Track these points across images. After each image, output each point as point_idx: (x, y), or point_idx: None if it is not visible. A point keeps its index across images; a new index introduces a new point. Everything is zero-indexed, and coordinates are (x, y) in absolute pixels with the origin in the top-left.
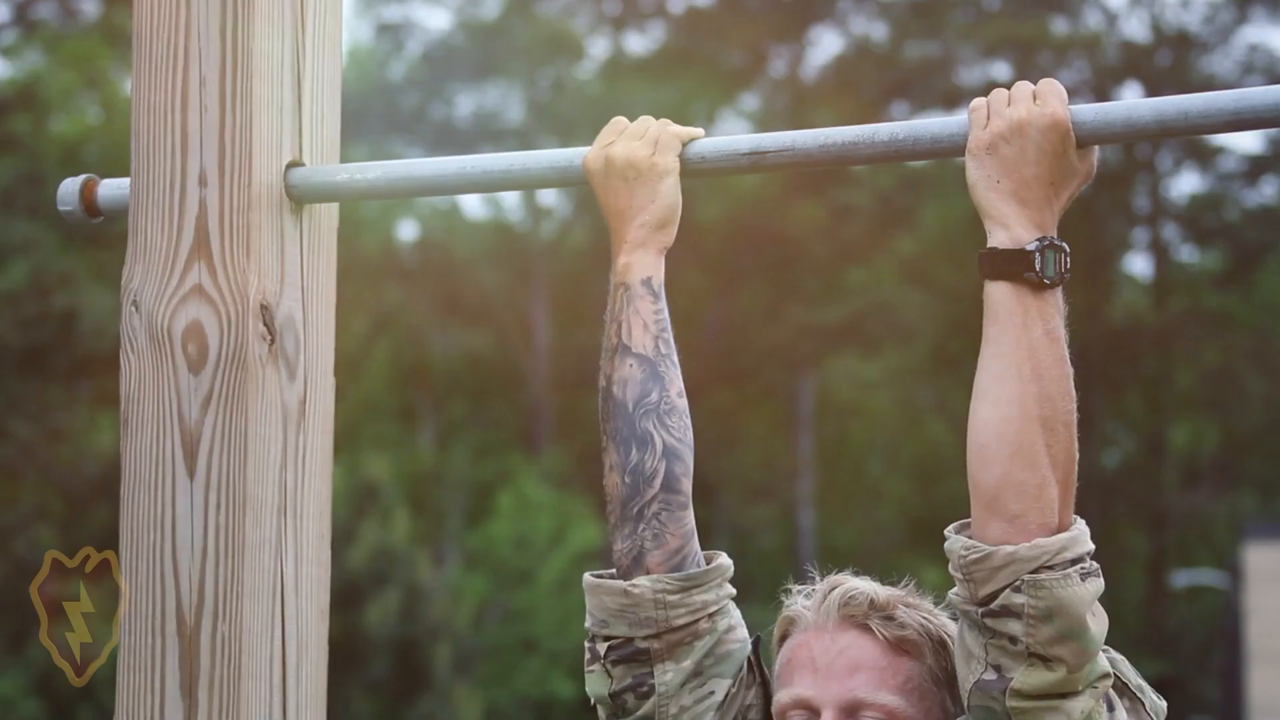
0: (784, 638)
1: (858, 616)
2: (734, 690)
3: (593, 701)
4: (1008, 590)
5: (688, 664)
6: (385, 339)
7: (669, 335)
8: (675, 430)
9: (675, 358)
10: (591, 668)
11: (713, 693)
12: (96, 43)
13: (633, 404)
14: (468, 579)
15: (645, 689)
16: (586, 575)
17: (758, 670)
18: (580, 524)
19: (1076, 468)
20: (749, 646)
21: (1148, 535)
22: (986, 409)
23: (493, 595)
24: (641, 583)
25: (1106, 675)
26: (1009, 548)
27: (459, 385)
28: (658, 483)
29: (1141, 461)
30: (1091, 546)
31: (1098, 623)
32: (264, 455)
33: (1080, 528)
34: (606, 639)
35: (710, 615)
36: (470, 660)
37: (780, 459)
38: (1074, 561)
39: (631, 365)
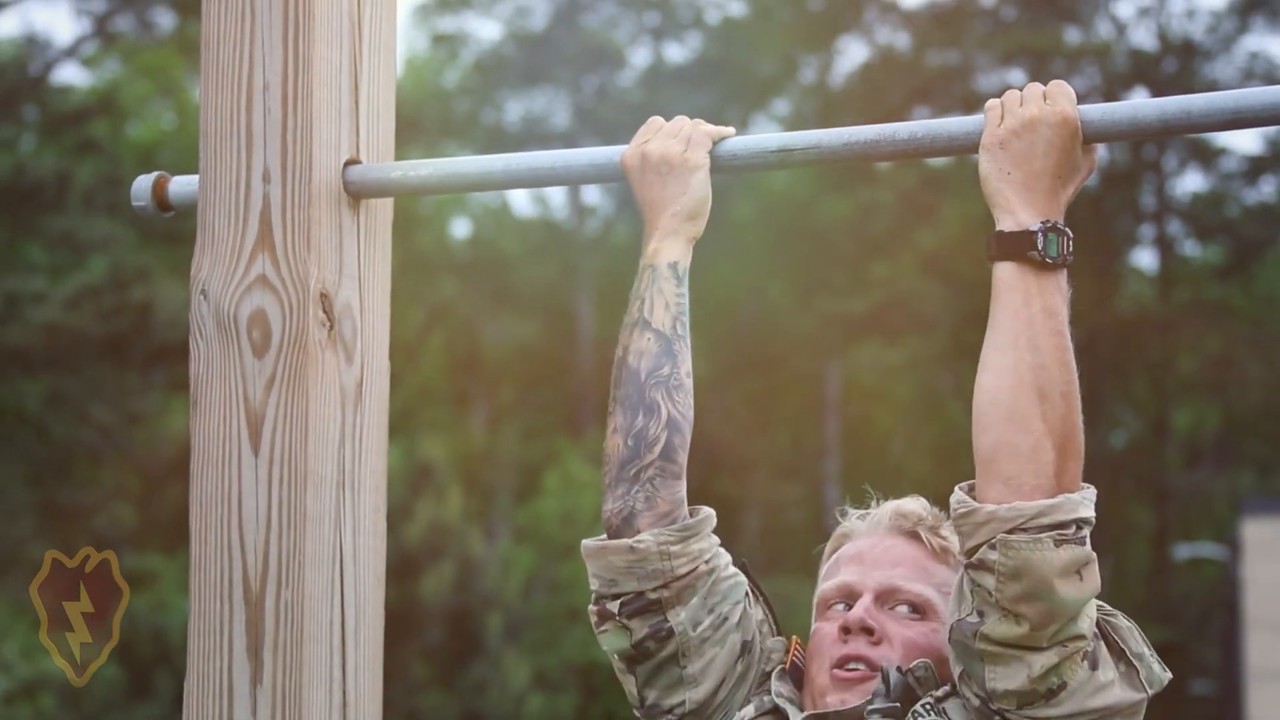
0: (835, 550)
1: (906, 527)
2: (746, 609)
3: (614, 657)
4: (984, 546)
5: (695, 602)
6: (440, 329)
7: (687, 319)
8: (680, 405)
9: (689, 341)
10: (604, 627)
11: (726, 618)
12: (170, 53)
13: (645, 374)
14: (517, 552)
15: (664, 632)
16: (585, 542)
17: (756, 591)
18: None
19: (1079, 438)
20: (743, 575)
21: (1152, 510)
22: (986, 378)
23: (540, 567)
24: (644, 538)
25: (1080, 637)
26: (990, 507)
27: (509, 372)
28: (658, 449)
29: (1146, 442)
30: (1082, 514)
31: (1074, 588)
32: (323, 433)
33: (1073, 496)
34: (615, 596)
35: (707, 560)
36: (519, 628)
37: (808, 440)
38: (1052, 527)
39: (649, 339)
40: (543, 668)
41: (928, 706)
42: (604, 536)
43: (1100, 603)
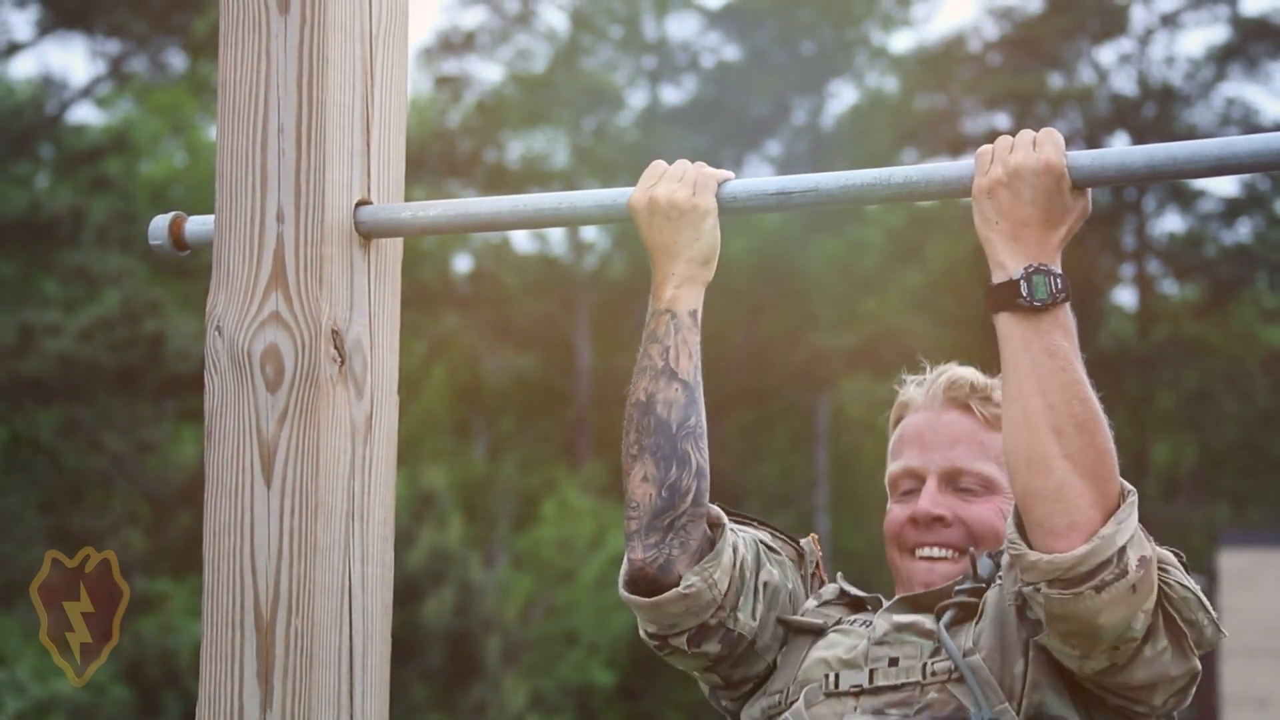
0: (898, 421)
1: (960, 398)
2: (774, 559)
3: (693, 672)
4: (1031, 587)
5: (744, 599)
6: (442, 361)
7: (700, 365)
8: (704, 453)
9: (702, 386)
10: (669, 654)
11: (767, 584)
12: (182, 93)
13: (676, 425)
14: (515, 578)
15: (733, 638)
16: (629, 596)
17: (755, 523)
18: (618, 529)
19: (1108, 459)
20: (751, 535)
21: None
22: (1004, 430)
23: (538, 593)
24: (693, 581)
25: (1132, 640)
26: (1033, 556)
27: (509, 403)
28: (690, 498)
29: (1127, 474)
30: (1120, 543)
31: (1123, 610)
32: (334, 466)
33: (1107, 531)
34: (679, 634)
35: (736, 562)
36: (517, 651)
37: (799, 470)
38: (1091, 574)
39: (677, 389)
40: (540, 690)
41: (1001, 578)
42: (630, 574)
43: (1165, 564)
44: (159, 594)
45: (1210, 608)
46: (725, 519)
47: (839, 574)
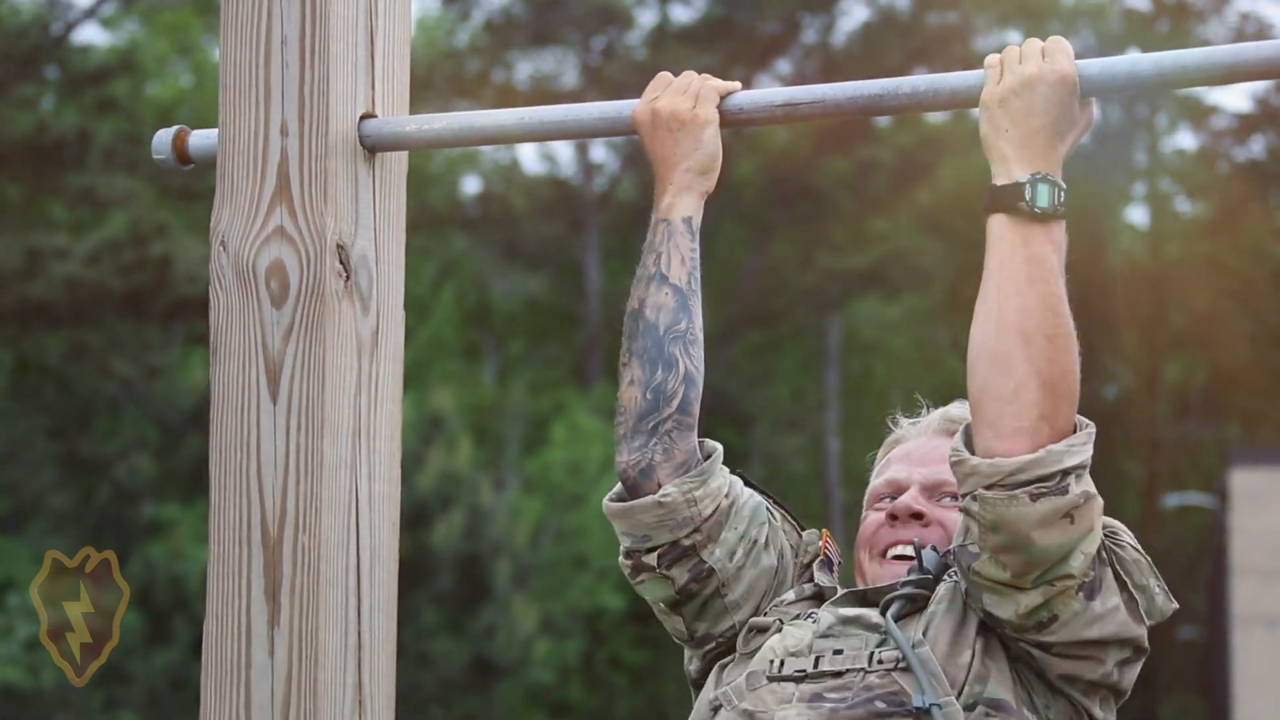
0: (886, 455)
1: (953, 430)
2: (770, 523)
3: (658, 604)
4: (968, 497)
5: (726, 536)
6: (451, 284)
7: (698, 274)
8: (695, 359)
9: (700, 296)
10: (641, 578)
11: (755, 540)
12: (188, 13)
13: (664, 328)
14: (525, 501)
15: (704, 573)
16: (609, 504)
17: (769, 499)
18: None
19: (1070, 381)
20: (757, 493)
21: (1142, 461)
22: (974, 325)
23: (548, 516)
24: (669, 490)
25: (1068, 576)
26: (974, 460)
27: (518, 326)
28: (675, 403)
29: (1137, 395)
30: (1068, 464)
31: (1058, 534)
32: (340, 382)
33: (1056, 448)
34: (650, 550)
35: (726, 494)
36: (527, 575)
37: (809, 392)
38: (1030, 482)
39: (667, 293)
40: (550, 614)
41: (954, 574)
42: (619, 488)
43: (1115, 529)
44: (168, 519)
45: (1159, 576)
46: (720, 452)
47: (816, 562)
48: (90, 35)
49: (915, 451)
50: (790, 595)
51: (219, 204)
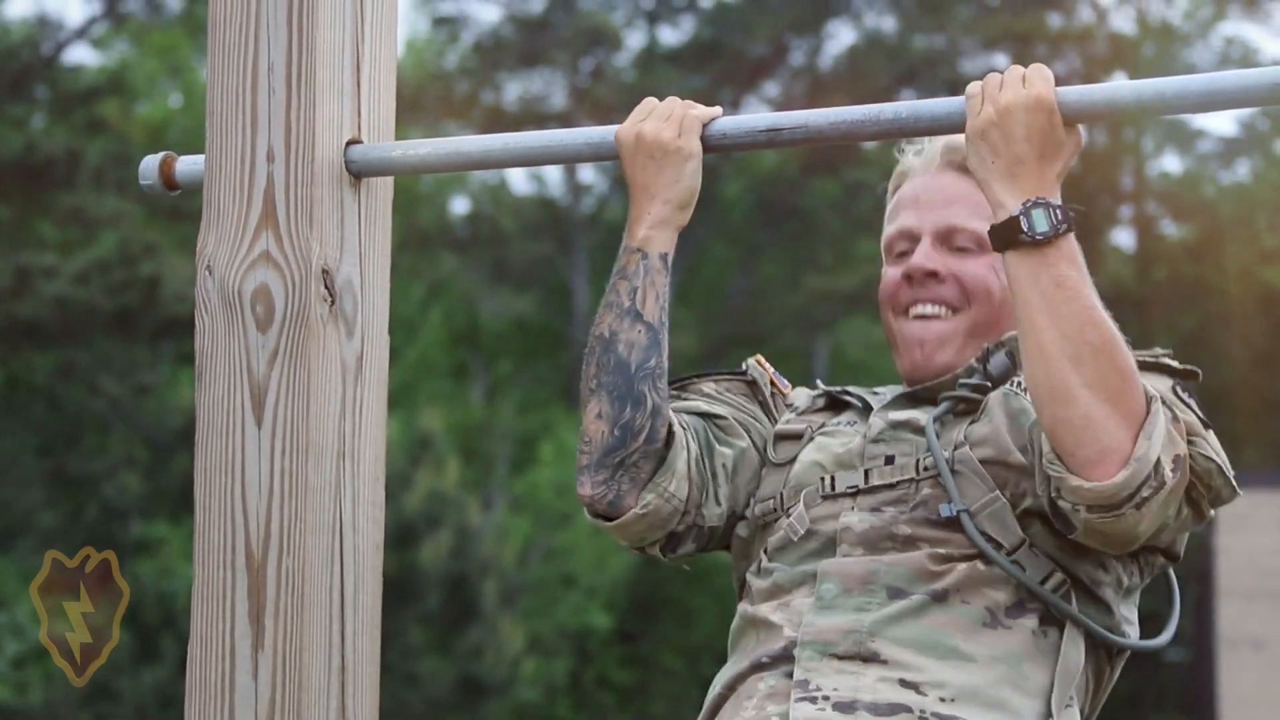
0: (895, 189)
1: (957, 160)
2: (719, 426)
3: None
4: (1068, 504)
5: (708, 493)
6: (439, 304)
7: (668, 308)
8: (662, 392)
9: (668, 325)
10: (658, 558)
11: (726, 466)
12: (178, 34)
13: (635, 366)
14: (513, 521)
15: (706, 532)
16: (597, 521)
17: (697, 378)
18: None
19: (1128, 374)
20: (699, 401)
21: None
22: (1025, 366)
23: (535, 536)
24: (648, 499)
25: (1164, 527)
26: (1073, 480)
27: (506, 345)
28: (642, 438)
29: None
30: (1153, 457)
31: (1159, 514)
32: (325, 405)
33: (1138, 453)
34: (652, 545)
35: (693, 462)
36: (515, 594)
37: None
38: (1130, 497)
39: (640, 331)
40: (538, 633)
41: (1020, 386)
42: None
43: (1194, 431)
44: (156, 538)
45: (1230, 471)
46: (675, 424)
47: (817, 381)
48: (80, 55)
49: (923, 195)
50: (790, 415)
51: (205, 229)
